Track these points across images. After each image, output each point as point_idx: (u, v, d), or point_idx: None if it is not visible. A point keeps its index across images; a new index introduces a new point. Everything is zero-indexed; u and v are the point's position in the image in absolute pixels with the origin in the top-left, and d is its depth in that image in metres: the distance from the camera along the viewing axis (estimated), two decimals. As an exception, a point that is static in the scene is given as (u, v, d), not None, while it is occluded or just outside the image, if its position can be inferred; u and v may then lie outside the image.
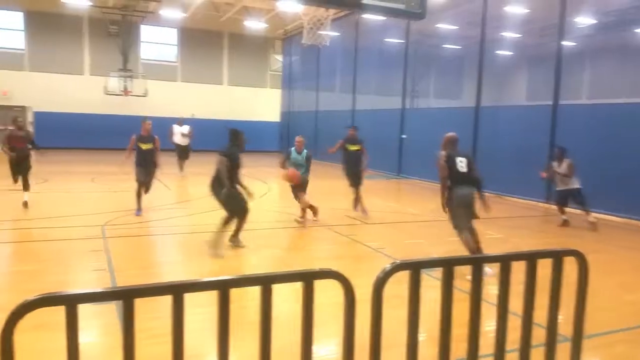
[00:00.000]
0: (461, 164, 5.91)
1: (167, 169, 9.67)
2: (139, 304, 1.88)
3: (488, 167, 12.53)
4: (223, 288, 2.03)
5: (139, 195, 8.88)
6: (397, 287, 2.37)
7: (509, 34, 17.25)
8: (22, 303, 1.66)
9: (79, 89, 24.16)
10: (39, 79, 23.59)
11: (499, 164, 12.45)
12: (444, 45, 16.65)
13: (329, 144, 10.04)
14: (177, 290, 1.92)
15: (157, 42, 26.27)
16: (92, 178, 14.22)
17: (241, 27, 24.73)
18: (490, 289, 2.71)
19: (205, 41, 26.71)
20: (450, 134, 6.13)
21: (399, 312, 2.50)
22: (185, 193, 12.45)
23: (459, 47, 15.88)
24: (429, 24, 15.18)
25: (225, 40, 27.24)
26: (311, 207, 8.73)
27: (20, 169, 9.15)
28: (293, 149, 8.59)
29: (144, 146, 8.82)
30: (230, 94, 27.20)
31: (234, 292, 2.04)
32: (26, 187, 9.17)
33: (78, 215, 8.76)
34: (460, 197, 5.87)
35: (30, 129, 22.28)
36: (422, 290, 2.40)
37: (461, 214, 5.89)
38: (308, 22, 18.99)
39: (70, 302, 1.72)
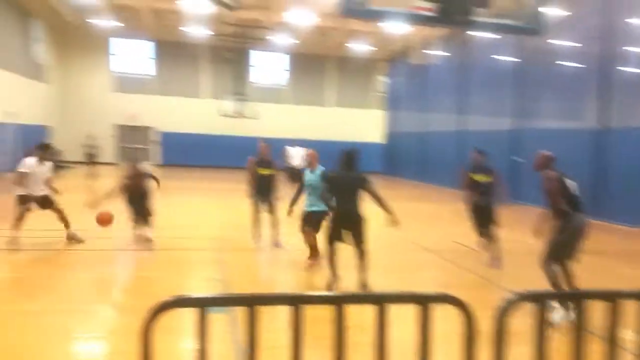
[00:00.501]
0: (573, 186, 5.17)
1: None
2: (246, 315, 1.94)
3: (614, 194, 11.42)
4: (339, 304, 2.03)
5: (256, 221, 7.91)
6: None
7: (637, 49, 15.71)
8: (160, 303, 1.79)
9: (197, 111, 26.49)
10: (164, 101, 26.36)
11: (626, 190, 11.23)
12: (561, 62, 15.57)
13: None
14: (296, 302, 1.96)
15: (269, 67, 27.85)
16: (209, 193, 15.24)
17: (346, 50, 25.31)
18: (622, 331, 2.39)
19: (312, 65, 27.83)
20: (547, 152, 5.35)
21: (512, 349, 2.27)
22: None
23: (580, 65, 14.74)
24: (546, 40, 14.29)
25: (331, 63, 28.10)
26: (313, 248, 6.68)
27: (139, 207, 7.65)
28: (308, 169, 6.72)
29: (264, 171, 7.78)
30: (336, 116, 27.92)
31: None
32: (146, 221, 7.74)
33: (196, 227, 9.39)
34: (581, 225, 5.09)
35: (155, 148, 24.65)
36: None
37: (574, 246, 5.09)
38: (415, 42, 18.64)
39: (202, 305, 1.83)
